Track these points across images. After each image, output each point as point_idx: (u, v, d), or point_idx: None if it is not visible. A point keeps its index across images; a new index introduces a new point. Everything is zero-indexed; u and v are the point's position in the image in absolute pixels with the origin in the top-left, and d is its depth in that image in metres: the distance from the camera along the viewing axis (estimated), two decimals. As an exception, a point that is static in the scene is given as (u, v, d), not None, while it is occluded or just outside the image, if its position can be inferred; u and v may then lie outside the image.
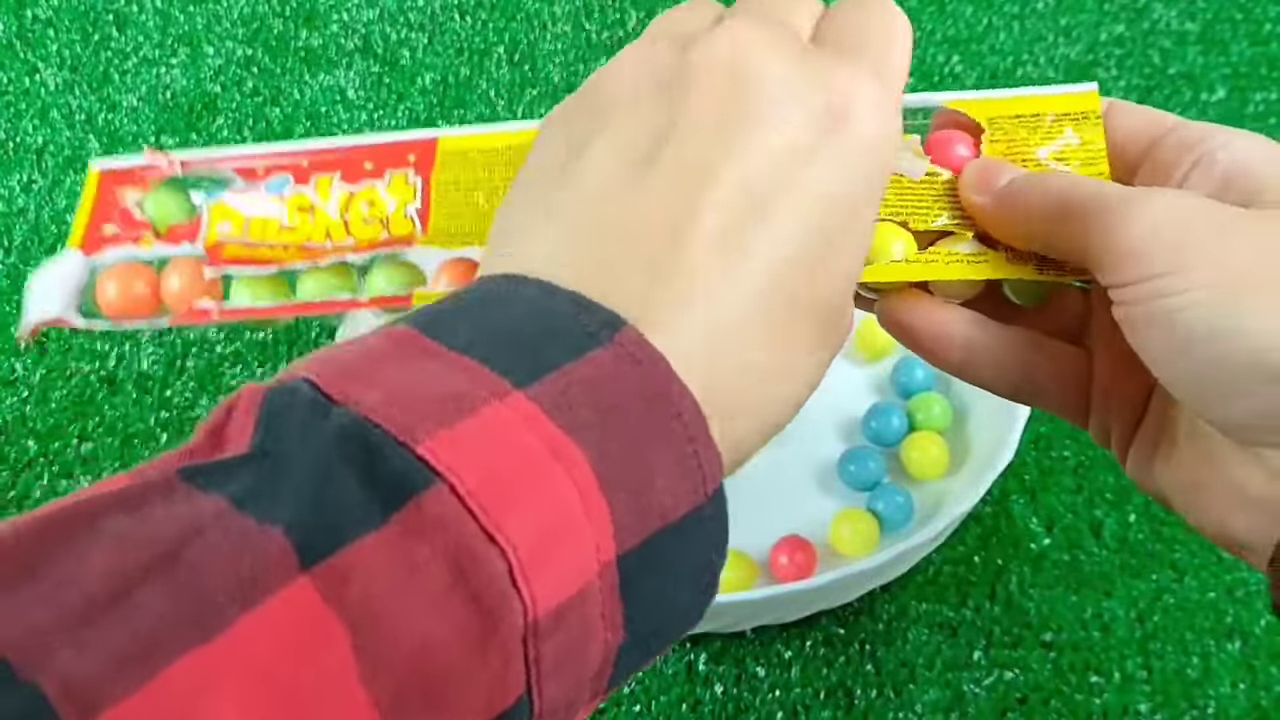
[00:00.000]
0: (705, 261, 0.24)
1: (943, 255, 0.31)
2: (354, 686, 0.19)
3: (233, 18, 0.63)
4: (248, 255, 0.35)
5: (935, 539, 0.41)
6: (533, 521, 0.20)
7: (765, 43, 0.26)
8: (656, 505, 0.22)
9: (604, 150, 0.26)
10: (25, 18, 0.64)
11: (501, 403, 0.21)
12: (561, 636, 0.21)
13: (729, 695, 0.41)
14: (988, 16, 0.63)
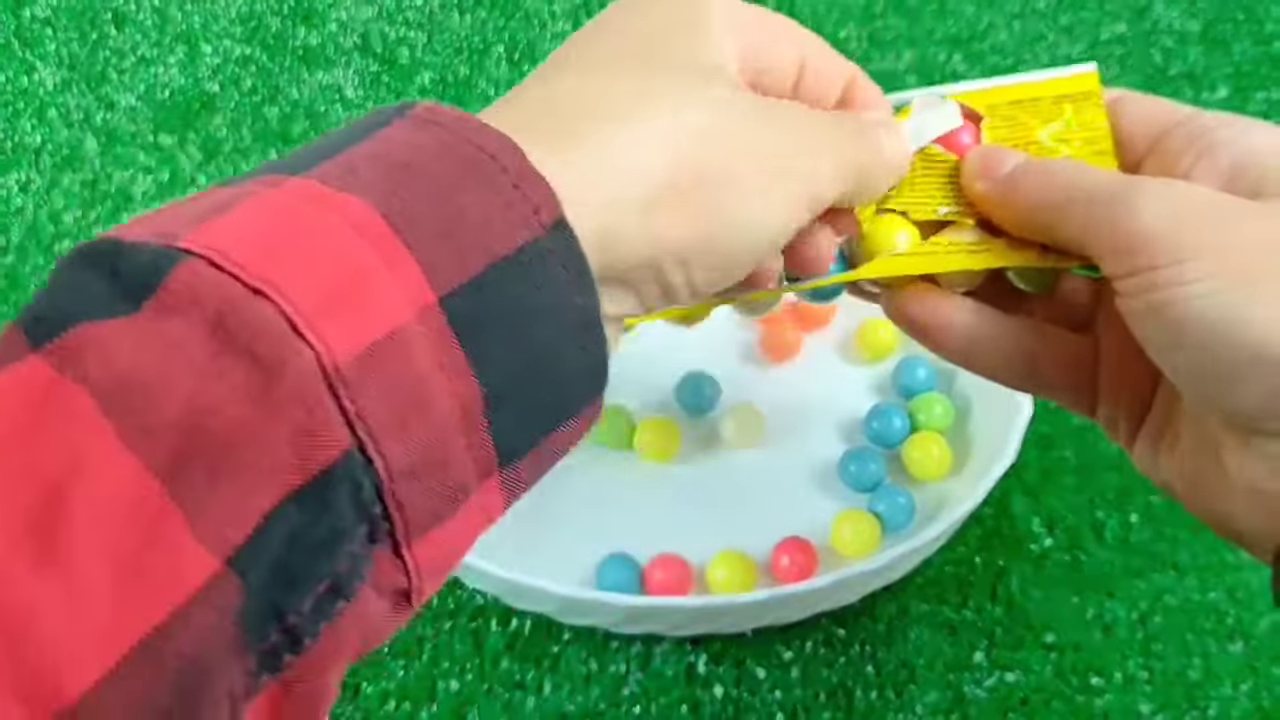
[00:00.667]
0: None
1: (944, 245, 0.31)
2: (112, 449, 0.18)
3: (230, 16, 0.63)
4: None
5: (936, 540, 0.41)
6: (308, 269, 0.19)
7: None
8: (477, 243, 0.21)
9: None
10: (23, 16, 0.63)
11: (272, 189, 0.21)
12: (382, 385, 0.20)
13: (729, 696, 0.41)
14: (988, 15, 0.63)
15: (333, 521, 0.19)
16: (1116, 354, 0.31)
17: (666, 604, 0.40)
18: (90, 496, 0.18)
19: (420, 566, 0.21)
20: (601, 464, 0.46)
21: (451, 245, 0.21)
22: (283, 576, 0.19)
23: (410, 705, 0.41)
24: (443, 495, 0.21)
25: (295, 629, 0.19)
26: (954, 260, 0.31)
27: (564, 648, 0.42)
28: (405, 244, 0.20)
